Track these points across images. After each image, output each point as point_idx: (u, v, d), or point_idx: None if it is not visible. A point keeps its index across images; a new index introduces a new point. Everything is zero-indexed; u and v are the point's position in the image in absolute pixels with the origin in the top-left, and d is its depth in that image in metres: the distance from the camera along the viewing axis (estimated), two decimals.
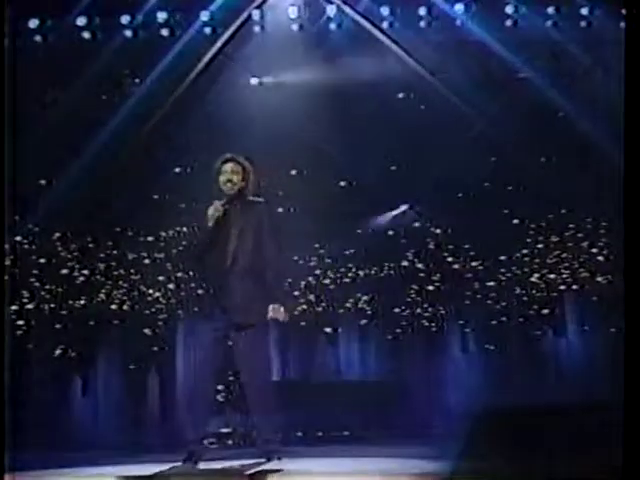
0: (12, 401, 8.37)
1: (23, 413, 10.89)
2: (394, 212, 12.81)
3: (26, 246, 12.62)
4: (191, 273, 12.18)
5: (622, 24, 11.44)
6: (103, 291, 12.68)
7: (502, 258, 12.74)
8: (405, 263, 12.85)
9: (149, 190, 12.62)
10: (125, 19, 12.31)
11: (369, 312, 12.76)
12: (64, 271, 12.69)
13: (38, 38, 12.32)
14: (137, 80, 12.70)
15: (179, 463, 7.39)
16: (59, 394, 12.19)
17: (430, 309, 12.78)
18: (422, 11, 12.31)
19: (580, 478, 4.67)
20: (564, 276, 12.66)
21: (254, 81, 12.61)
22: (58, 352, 12.42)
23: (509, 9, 12.25)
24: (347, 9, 12.32)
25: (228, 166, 7.79)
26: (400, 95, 12.85)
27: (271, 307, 7.60)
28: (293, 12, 12.36)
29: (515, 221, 12.67)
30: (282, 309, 7.64)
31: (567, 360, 12.41)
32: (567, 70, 12.41)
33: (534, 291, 12.70)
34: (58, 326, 12.52)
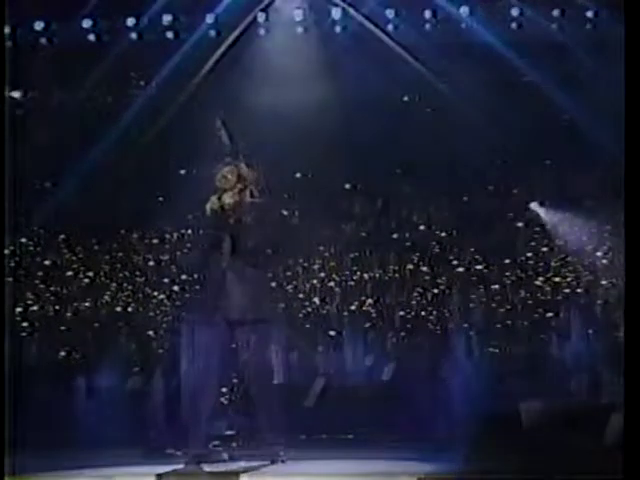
0: (16, 403, 8.37)
1: (26, 415, 10.89)
2: None
3: (31, 248, 12.64)
4: (195, 275, 12.20)
5: None
6: (108, 293, 12.70)
7: (507, 261, 12.74)
8: (410, 266, 12.85)
9: (154, 192, 12.64)
10: (130, 21, 12.33)
11: (374, 315, 12.76)
12: (69, 273, 12.72)
13: (43, 40, 12.35)
14: (142, 82, 12.73)
15: (183, 465, 7.38)
16: (63, 396, 12.19)
17: (435, 312, 12.77)
18: (427, 14, 12.32)
19: (580, 478, 4.69)
20: (569, 279, 12.66)
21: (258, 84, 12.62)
22: (62, 354, 12.43)
23: (514, 12, 12.25)
24: (352, 12, 12.33)
25: (226, 169, 7.87)
26: (405, 98, 12.86)
27: None
28: (298, 15, 12.38)
29: (519, 224, 12.68)
30: None
31: (571, 363, 12.38)
32: (572, 72, 12.40)
33: (539, 294, 12.69)
34: (63, 328, 12.54)
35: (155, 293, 12.64)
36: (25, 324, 12.39)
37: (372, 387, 12.04)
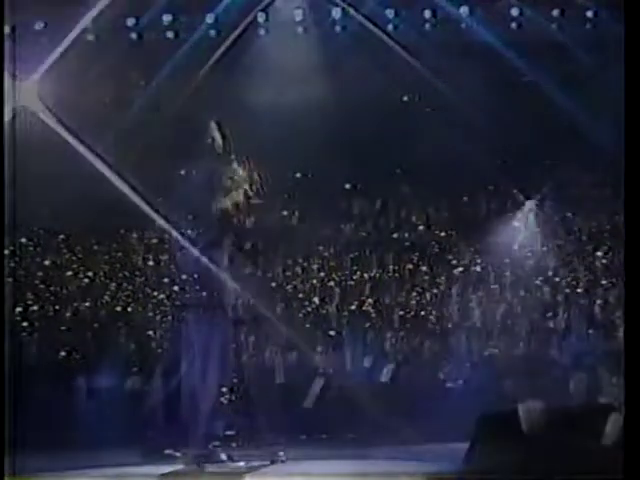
0: (16, 403, 8.37)
1: (26, 415, 10.89)
2: None
3: (31, 248, 12.63)
4: (195, 275, 12.19)
5: None
6: (108, 293, 12.68)
7: (506, 261, 12.73)
8: (409, 266, 12.84)
9: (154, 192, 12.62)
10: (130, 21, 12.33)
11: (373, 315, 12.75)
12: (69, 273, 12.71)
13: (43, 40, 12.34)
14: (142, 82, 12.73)
15: (183, 465, 7.39)
16: (63, 396, 12.18)
17: (434, 312, 12.76)
18: (427, 14, 12.33)
19: (580, 478, 4.68)
20: (568, 279, 12.65)
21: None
22: (63, 354, 12.41)
23: (514, 12, 12.26)
24: (352, 12, 12.34)
25: (232, 169, 7.92)
26: (405, 98, 12.86)
27: None
28: (298, 15, 12.39)
29: (517, 224, 12.68)
30: None
31: (571, 362, 12.37)
32: (572, 72, 12.41)
33: (538, 294, 12.68)
34: (63, 328, 12.52)
35: (155, 293, 12.62)
36: (25, 324, 12.37)
37: (372, 387, 12.03)
